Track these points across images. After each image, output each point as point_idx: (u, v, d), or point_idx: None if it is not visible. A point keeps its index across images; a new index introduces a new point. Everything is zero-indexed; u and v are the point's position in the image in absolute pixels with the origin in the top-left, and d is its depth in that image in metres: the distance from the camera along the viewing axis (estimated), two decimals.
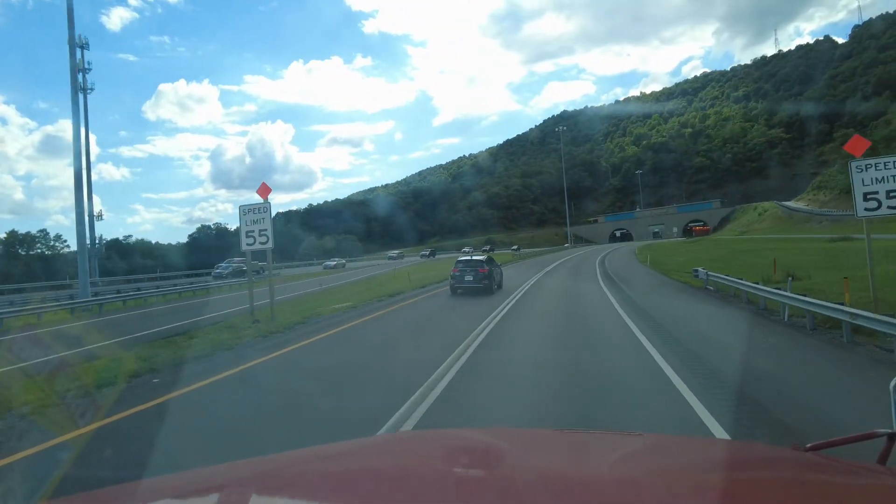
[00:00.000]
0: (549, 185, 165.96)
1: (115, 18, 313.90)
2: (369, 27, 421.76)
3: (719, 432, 5.14)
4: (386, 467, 1.50)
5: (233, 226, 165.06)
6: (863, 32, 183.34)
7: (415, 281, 29.30)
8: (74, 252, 49.27)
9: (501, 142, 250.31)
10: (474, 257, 23.92)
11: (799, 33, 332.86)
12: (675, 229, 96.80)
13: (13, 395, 7.48)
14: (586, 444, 1.80)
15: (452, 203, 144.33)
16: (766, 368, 8.07)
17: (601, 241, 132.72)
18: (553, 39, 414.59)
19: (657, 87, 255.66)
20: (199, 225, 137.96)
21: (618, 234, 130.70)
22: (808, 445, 1.51)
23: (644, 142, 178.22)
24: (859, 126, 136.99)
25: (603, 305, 16.17)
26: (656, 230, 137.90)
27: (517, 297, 19.04)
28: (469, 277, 20.67)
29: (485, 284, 20.60)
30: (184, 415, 6.84)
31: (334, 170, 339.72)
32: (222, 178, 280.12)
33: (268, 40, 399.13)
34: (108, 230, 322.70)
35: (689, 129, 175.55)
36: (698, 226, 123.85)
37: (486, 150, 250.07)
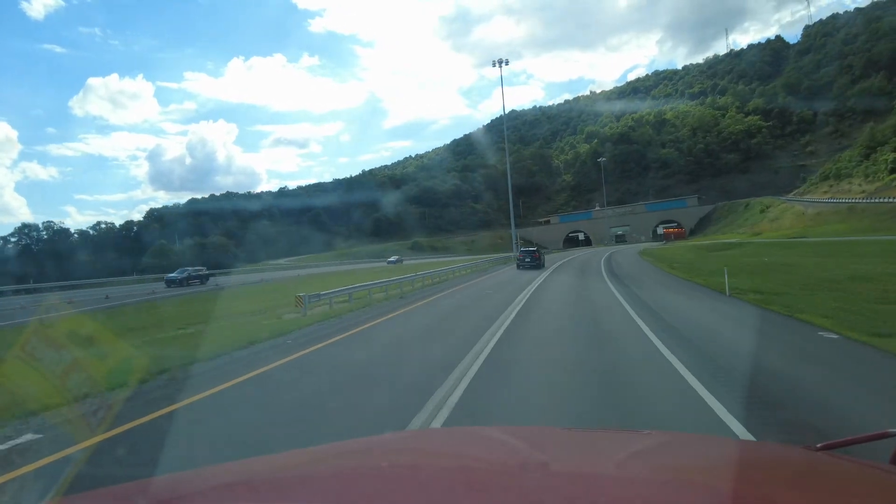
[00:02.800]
0: (494, 181, 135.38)
1: (38, 5, 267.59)
2: (316, 26, 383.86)
3: None
4: (395, 465, 1.47)
5: (75, 226, 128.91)
6: (818, 30, 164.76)
7: None
8: None
9: (449, 141, 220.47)
10: (530, 248, 32.48)
11: (736, 45, 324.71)
12: (659, 230, 67.09)
13: None
14: (597, 443, 1.74)
15: (373, 202, 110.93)
16: None
17: (553, 247, 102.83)
18: (503, 44, 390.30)
19: (607, 88, 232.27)
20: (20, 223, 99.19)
21: (580, 237, 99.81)
22: (820, 445, 1.43)
23: (595, 140, 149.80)
24: (851, 112, 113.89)
25: None
26: (620, 232, 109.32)
27: None
28: (528, 259, 30.24)
29: (537, 263, 29.95)
30: None
31: (280, 171, 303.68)
32: (162, 179, 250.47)
33: (210, 37, 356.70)
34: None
35: (648, 126, 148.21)
36: (671, 227, 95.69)
37: (433, 150, 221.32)
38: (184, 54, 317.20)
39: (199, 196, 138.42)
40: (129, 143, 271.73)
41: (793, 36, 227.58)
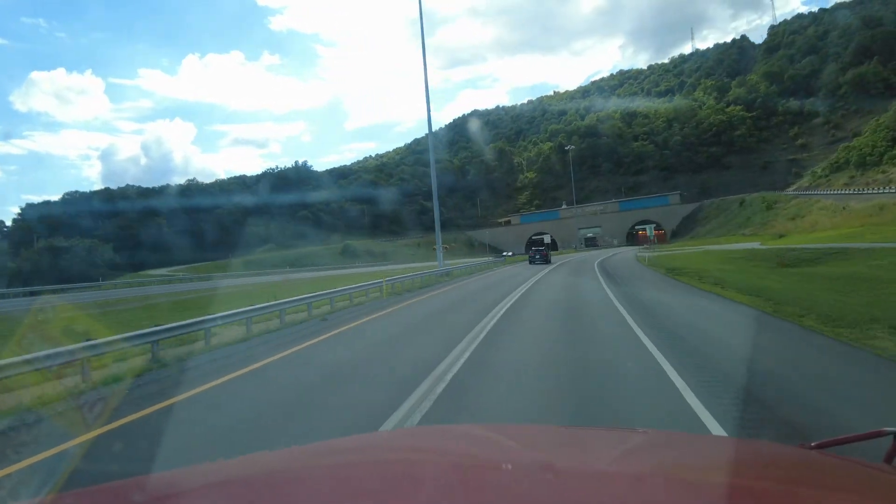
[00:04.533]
0: (451, 177, 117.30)
1: None
2: (276, 24, 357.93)
3: None
4: (389, 463, 1.43)
5: None
6: (785, 28, 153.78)
7: None
8: None
9: (410, 141, 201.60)
10: (540, 248, 40.64)
11: (698, 51, 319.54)
12: (649, 231, 49.68)
13: None
14: (591, 441, 1.69)
15: (302, 200, 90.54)
16: None
17: (514, 250, 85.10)
18: (468, 47, 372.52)
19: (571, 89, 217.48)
20: None
21: (545, 239, 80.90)
22: (815, 444, 1.38)
23: (561, 134, 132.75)
24: (843, 102, 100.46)
25: None
26: (590, 235, 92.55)
27: None
28: (538, 256, 36.87)
29: (546, 259, 36.85)
30: None
31: (238, 172, 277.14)
32: (115, 179, 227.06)
33: (166, 32, 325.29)
34: None
35: (618, 119, 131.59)
36: (643, 230, 79.31)
37: (394, 149, 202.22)
38: (137, 50, 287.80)
39: (85, 190, 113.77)
40: (80, 142, 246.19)
41: (755, 39, 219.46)
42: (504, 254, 65.73)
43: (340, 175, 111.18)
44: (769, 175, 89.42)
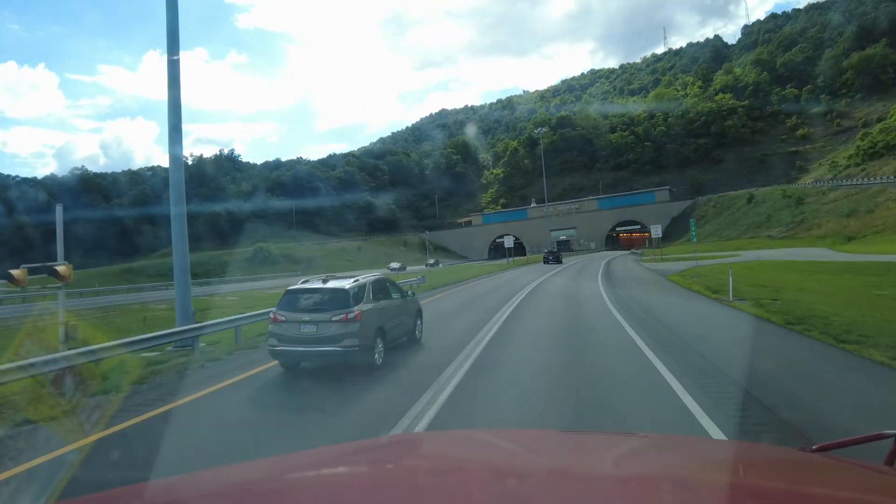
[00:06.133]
0: (404, 172, 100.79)
1: None
2: (243, 21, 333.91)
3: None
4: (390, 469, 1.40)
5: None
6: (761, 27, 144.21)
7: None
8: None
9: (375, 139, 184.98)
10: (553, 250, 46.96)
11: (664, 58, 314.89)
12: (655, 231, 34.05)
13: None
14: (593, 445, 1.67)
15: (219, 193, 72.59)
16: None
17: (476, 255, 69.62)
18: (439, 49, 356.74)
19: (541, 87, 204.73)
20: None
21: (507, 242, 64.94)
22: (815, 446, 1.35)
23: (530, 124, 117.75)
24: (845, 89, 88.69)
25: None
26: (563, 237, 77.45)
27: None
28: (550, 258, 40.62)
29: (558, 259, 41.24)
30: None
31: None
32: None
33: (128, 29, 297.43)
34: None
35: (592, 113, 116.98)
36: (625, 232, 64.70)
37: (359, 149, 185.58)
38: (96, 45, 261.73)
39: None
40: (34, 139, 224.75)
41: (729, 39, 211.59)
42: (392, 266, 48.88)
43: (273, 167, 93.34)
44: (767, 169, 76.34)
